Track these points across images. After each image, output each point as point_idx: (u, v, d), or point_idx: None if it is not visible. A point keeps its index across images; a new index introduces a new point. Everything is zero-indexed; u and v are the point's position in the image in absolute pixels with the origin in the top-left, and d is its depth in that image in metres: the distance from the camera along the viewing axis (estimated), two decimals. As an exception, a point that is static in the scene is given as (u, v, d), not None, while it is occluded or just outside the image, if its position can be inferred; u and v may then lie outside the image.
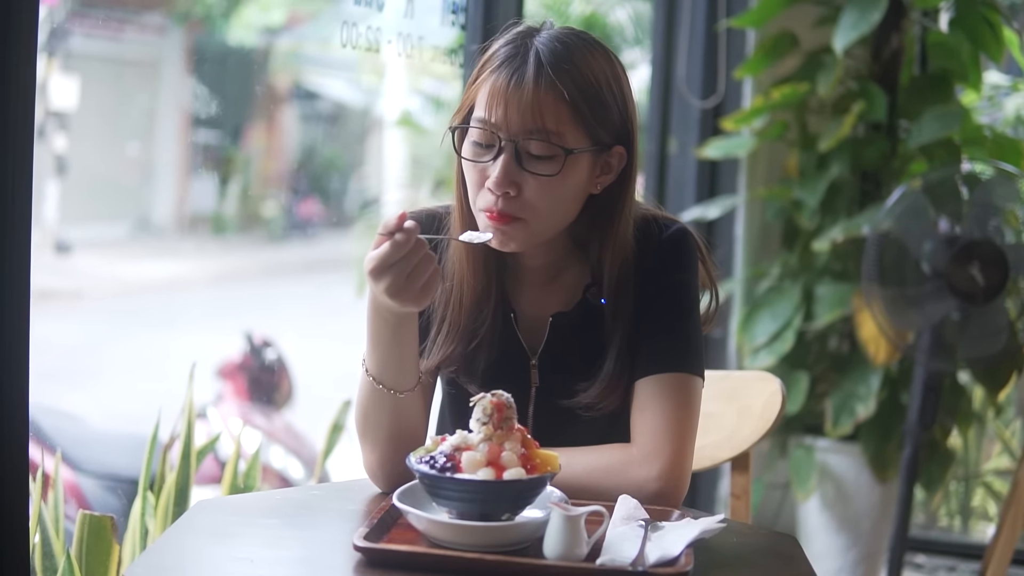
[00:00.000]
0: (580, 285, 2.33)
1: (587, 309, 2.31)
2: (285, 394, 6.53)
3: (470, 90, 2.23)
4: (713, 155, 5.10)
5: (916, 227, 4.30)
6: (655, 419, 2.22)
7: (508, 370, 2.31)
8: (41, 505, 2.84)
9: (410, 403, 2.24)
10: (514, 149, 2.16)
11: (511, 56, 2.19)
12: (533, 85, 2.15)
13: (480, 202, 2.20)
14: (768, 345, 4.84)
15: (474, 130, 2.21)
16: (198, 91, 10.27)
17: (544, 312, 2.33)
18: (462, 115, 2.25)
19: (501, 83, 2.16)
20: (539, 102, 2.15)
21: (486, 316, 2.31)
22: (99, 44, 10.30)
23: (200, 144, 11.15)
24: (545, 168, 2.17)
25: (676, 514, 2.03)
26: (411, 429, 2.24)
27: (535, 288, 2.35)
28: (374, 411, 2.23)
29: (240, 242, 12.07)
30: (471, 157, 2.21)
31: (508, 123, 2.16)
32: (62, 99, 9.60)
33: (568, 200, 2.22)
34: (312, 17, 10.90)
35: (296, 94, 12.73)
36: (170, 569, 1.85)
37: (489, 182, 2.17)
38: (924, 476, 4.82)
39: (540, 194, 2.17)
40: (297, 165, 13.20)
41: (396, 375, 2.21)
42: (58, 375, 6.98)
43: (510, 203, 2.17)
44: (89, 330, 9.06)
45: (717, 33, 5.31)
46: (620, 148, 2.26)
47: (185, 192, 12.09)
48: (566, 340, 2.32)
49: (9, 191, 2.43)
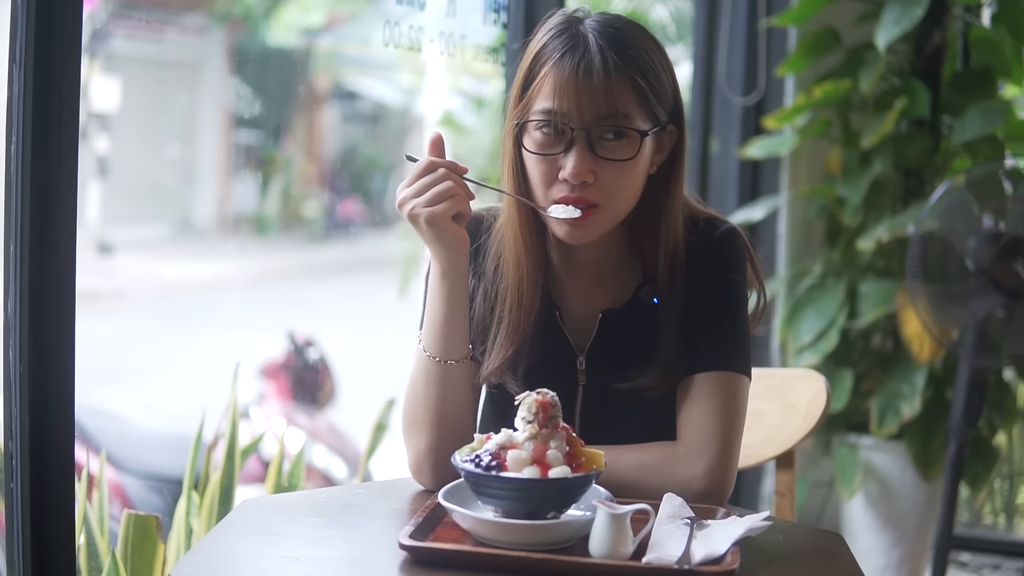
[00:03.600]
0: (631, 283, 2.33)
1: (638, 307, 2.31)
2: (328, 393, 6.55)
3: (530, 86, 2.22)
4: (756, 154, 5.08)
5: (960, 224, 4.27)
6: (702, 417, 2.22)
7: (555, 368, 2.31)
8: (86, 505, 2.85)
9: (460, 378, 2.25)
10: (587, 137, 2.16)
11: (571, 46, 2.18)
12: (603, 71, 2.15)
13: (554, 193, 2.20)
14: (813, 344, 4.82)
15: (541, 123, 2.19)
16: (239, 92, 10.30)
17: (592, 310, 2.32)
18: (523, 112, 2.23)
19: (568, 74, 2.16)
20: (610, 87, 2.15)
21: (533, 313, 2.31)
22: (140, 46, 10.35)
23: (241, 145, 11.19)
24: (621, 152, 2.17)
25: (721, 512, 2.02)
26: (458, 415, 2.25)
27: (584, 285, 2.35)
28: (423, 387, 2.24)
29: (282, 242, 12.10)
30: (538, 150, 2.21)
31: (581, 112, 2.15)
32: (104, 101, 9.65)
33: (638, 182, 2.23)
34: (352, 17, 10.92)
35: (337, 94, 12.76)
36: (215, 568, 1.85)
37: (565, 173, 2.16)
38: (969, 474, 4.79)
39: (616, 179, 2.18)
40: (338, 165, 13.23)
41: (445, 341, 2.23)
42: (102, 376, 7.01)
43: (587, 190, 2.17)
44: (132, 330, 9.10)
45: (758, 30, 5.29)
46: (672, 126, 2.27)
47: (226, 193, 12.14)
48: (615, 338, 2.31)
49: (54, 194, 2.45)
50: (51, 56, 2.42)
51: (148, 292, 10.62)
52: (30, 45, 2.40)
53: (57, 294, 2.47)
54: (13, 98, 2.41)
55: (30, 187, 2.42)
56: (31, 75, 2.40)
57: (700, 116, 5.39)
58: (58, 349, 2.49)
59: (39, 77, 2.41)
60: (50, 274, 2.46)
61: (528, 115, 2.21)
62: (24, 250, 2.43)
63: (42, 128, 2.42)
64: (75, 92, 2.46)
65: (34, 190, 2.42)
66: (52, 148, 2.43)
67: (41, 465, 2.48)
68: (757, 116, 5.27)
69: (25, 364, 2.44)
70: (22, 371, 2.44)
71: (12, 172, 2.42)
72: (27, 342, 2.44)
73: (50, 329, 2.46)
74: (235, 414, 3.25)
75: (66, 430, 2.52)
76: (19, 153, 2.41)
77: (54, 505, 2.51)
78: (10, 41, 2.41)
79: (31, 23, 2.40)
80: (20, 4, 2.40)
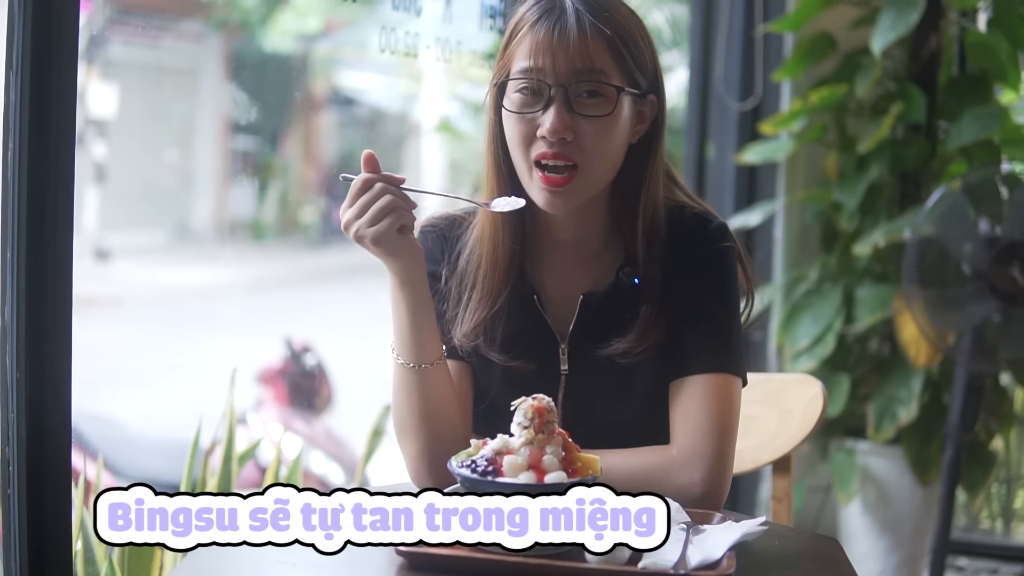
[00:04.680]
0: (612, 266, 2.33)
1: (619, 289, 2.32)
2: (325, 399, 6.55)
3: (508, 50, 2.25)
4: (753, 160, 5.08)
5: (956, 228, 4.28)
6: (696, 421, 2.22)
7: (537, 355, 2.32)
8: (83, 511, 2.85)
9: (437, 380, 2.25)
10: (564, 95, 2.18)
11: (547, 11, 2.22)
12: (577, 29, 2.18)
13: (533, 152, 2.21)
14: (809, 349, 4.83)
15: (519, 83, 2.22)
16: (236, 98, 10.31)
17: (573, 293, 2.33)
18: (502, 74, 2.26)
19: (544, 34, 2.19)
20: (585, 44, 2.18)
21: (505, 288, 2.32)
22: (137, 52, 10.35)
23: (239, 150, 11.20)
24: (598, 109, 2.20)
25: (718, 517, 2.02)
26: (445, 416, 2.26)
27: (565, 269, 2.35)
28: (404, 394, 2.26)
29: (279, 248, 12.11)
30: (516, 110, 2.22)
31: (556, 69, 2.18)
32: (101, 107, 9.66)
33: (617, 145, 2.25)
34: (349, 23, 10.92)
35: (334, 100, 12.76)
36: (212, 574, 1.85)
37: (543, 130, 2.19)
38: (966, 478, 4.79)
39: (594, 136, 2.20)
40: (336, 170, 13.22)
41: (416, 347, 2.24)
42: (99, 382, 7.01)
43: (566, 147, 2.19)
44: (129, 336, 9.11)
45: (754, 36, 5.29)
46: (652, 96, 2.29)
47: (224, 198, 12.14)
48: (596, 320, 2.32)
49: (51, 199, 2.45)
50: (48, 62, 2.42)
51: (145, 298, 10.62)
52: (27, 51, 2.40)
53: (54, 300, 2.47)
54: (10, 104, 2.41)
55: (27, 193, 2.42)
56: (28, 81, 2.40)
57: (697, 121, 5.39)
58: (55, 355, 2.49)
59: (36, 83, 2.41)
60: (47, 280, 2.46)
61: (506, 76, 2.24)
62: (21, 256, 2.43)
63: (39, 134, 2.42)
64: (72, 98, 2.47)
65: (31, 196, 2.42)
66: (49, 154, 2.43)
67: (38, 471, 2.48)
68: (753, 121, 5.27)
69: (22, 370, 2.44)
70: (19, 377, 2.44)
71: (9, 178, 2.42)
72: (24, 348, 2.44)
73: (47, 335, 2.46)
74: (232, 420, 3.26)
75: (63, 436, 2.52)
76: (16, 159, 2.41)
77: (51, 511, 2.51)
78: (7, 47, 2.41)
79: (28, 28, 2.40)
80: (17, 9, 2.40)
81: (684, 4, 6.28)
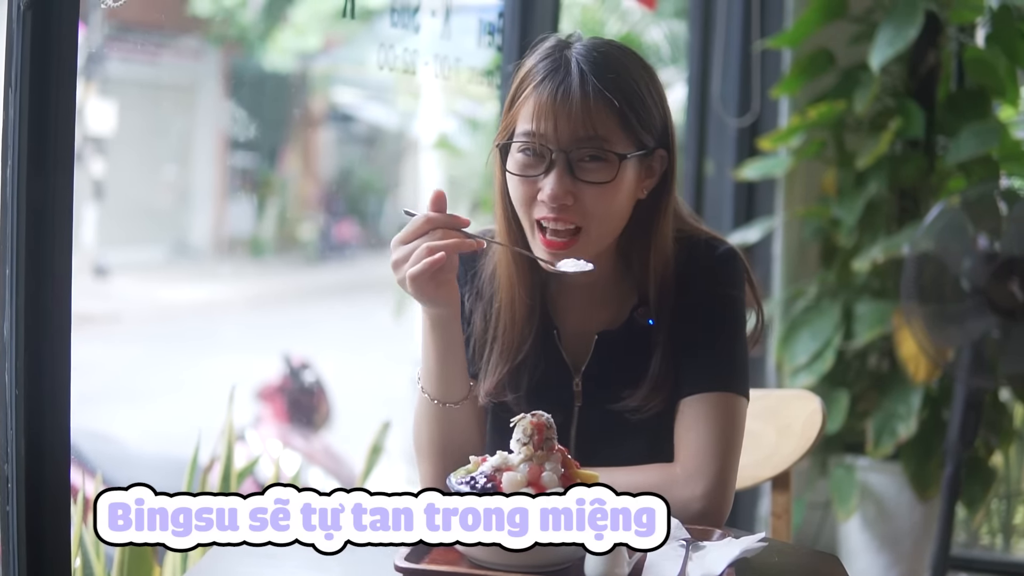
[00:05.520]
0: (626, 304, 2.34)
1: (633, 329, 2.32)
2: (324, 416, 6.55)
3: (513, 108, 2.24)
4: (751, 176, 5.09)
5: (955, 244, 4.28)
6: (700, 438, 2.23)
7: (552, 388, 2.32)
8: (82, 528, 2.85)
9: (460, 417, 2.27)
10: (566, 160, 2.17)
11: (552, 70, 2.20)
12: (581, 95, 2.16)
13: (535, 213, 2.21)
14: (808, 365, 4.82)
15: (522, 145, 2.21)
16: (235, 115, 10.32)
17: (588, 330, 2.34)
18: (506, 134, 2.25)
19: (547, 97, 2.17)
20: (588, 111, 2.16)
21: (530, 334, 2.32)
22: (136, 69, 10.37)
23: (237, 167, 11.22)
24: (600, 175, 2.18)
25: (717, 533, 2.02)
26: (463, 445, 2.26)
27: (580, 306, 2.36)
28: (425, 424, 2.28)
29: (277, 264, 12.13)
30: (518, 172, 2.22)
31: (558, 134, 2.17)
32: (99, 124, 9.66)
33: (622, 206, 2.24)
34: (347, 40, 10.94)
35: (332, 117, 12.78)
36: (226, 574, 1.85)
37: (543, 195, 2.18)
38: (966, 494, 4.79)
39: (596, 201, 2.18)
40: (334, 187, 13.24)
41: (442, 385, 2.25)
42: (98, 398, 7.01)
43: (567, 211, 2.18)
44: (128, 353, 9.11)
45: (752, 52, 5.30)
46: (662, 151, 2.28)
47: (222, 215, 12.16)
48: (611, 359, 2.32)
49: (50, 216, 2.44)
50: (47, 79, 2.42)
51: (144, 315, 10.63)
52: (26, 68, 2.40)
53: (53, 317, 2.46)
54: (9, 121, 2.41)
55: (26, 210, 2.41)
56: (27, 98, 2.40)
57: (695, 138, 5.39)
58: (54, 372, 2.48)
59: (35, 100, 2.41)
60: (46, 297, 2.45)
61: (509, 137, 2.23)
62: (20, 273, 2.42)
63: (37, 151, 2.42)
64: (70, 115, 2.46)
65: (30, 213, 2.42)
66: (47, 171, 2.43)
67: (37, 488, 2.47)
68: (752, 137, 5.27)
69: (21, 387, 2.44)
70: (18, 394, 2.43)
71: (8, 195, 2.42)
72: (23, 365, 2.43)
73: (46, 352, 2.46)
74: (231, 437, 3.25)
75: (62, 453, 2.51)
76: (15, 176, 2.41)
77: (50, 528, 2.50)
78: (6, 64, 2.41)
79: (27, 46, 2.40)
80: (16, 27, 2.40)
81: (682, 20, 6.29)
